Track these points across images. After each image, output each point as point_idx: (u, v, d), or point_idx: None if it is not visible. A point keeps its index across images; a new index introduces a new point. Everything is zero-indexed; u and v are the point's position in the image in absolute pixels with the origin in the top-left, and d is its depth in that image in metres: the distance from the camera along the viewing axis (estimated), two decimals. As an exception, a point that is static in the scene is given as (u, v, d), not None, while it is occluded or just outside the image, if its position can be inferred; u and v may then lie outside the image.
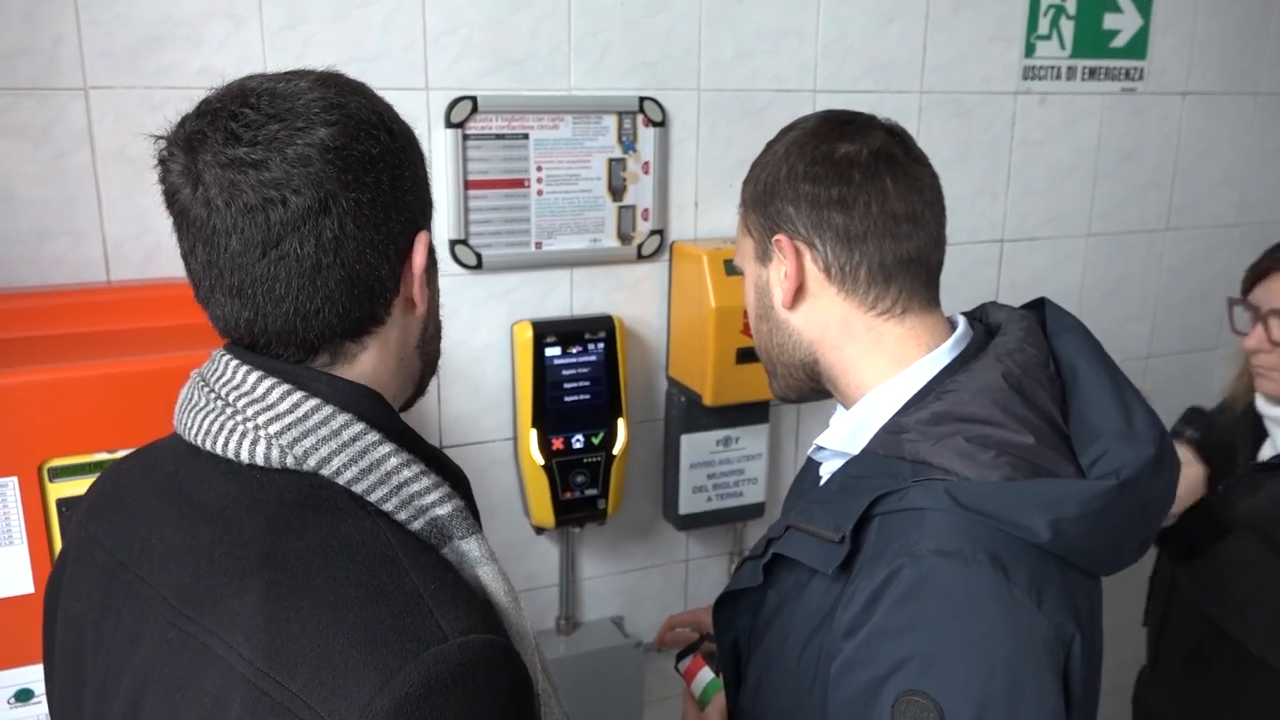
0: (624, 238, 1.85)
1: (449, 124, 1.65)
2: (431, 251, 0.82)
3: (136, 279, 1.54)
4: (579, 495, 1.83)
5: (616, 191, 1.82)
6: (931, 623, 0.83)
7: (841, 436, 1.00)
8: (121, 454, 1.27)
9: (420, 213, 0.80)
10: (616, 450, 1.84)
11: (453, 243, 1.73)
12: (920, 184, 0.98)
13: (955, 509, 0.85)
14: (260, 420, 0.74)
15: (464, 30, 1.66)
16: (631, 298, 1.89)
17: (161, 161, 0.75)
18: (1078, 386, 0.95)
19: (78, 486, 1.26)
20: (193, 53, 1.51)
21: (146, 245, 1.54)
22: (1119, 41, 2.22)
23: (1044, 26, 2.13)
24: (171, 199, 0.75)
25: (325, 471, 0.73)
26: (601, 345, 1.81)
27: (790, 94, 1.92)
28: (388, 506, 0.74)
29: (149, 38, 1.48)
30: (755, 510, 2.01)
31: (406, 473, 0.75)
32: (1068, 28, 2.16)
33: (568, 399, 1.80)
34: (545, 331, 1.77)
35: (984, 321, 1.05)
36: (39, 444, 1.23)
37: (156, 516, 0.78)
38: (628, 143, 1.81)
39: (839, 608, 0.89)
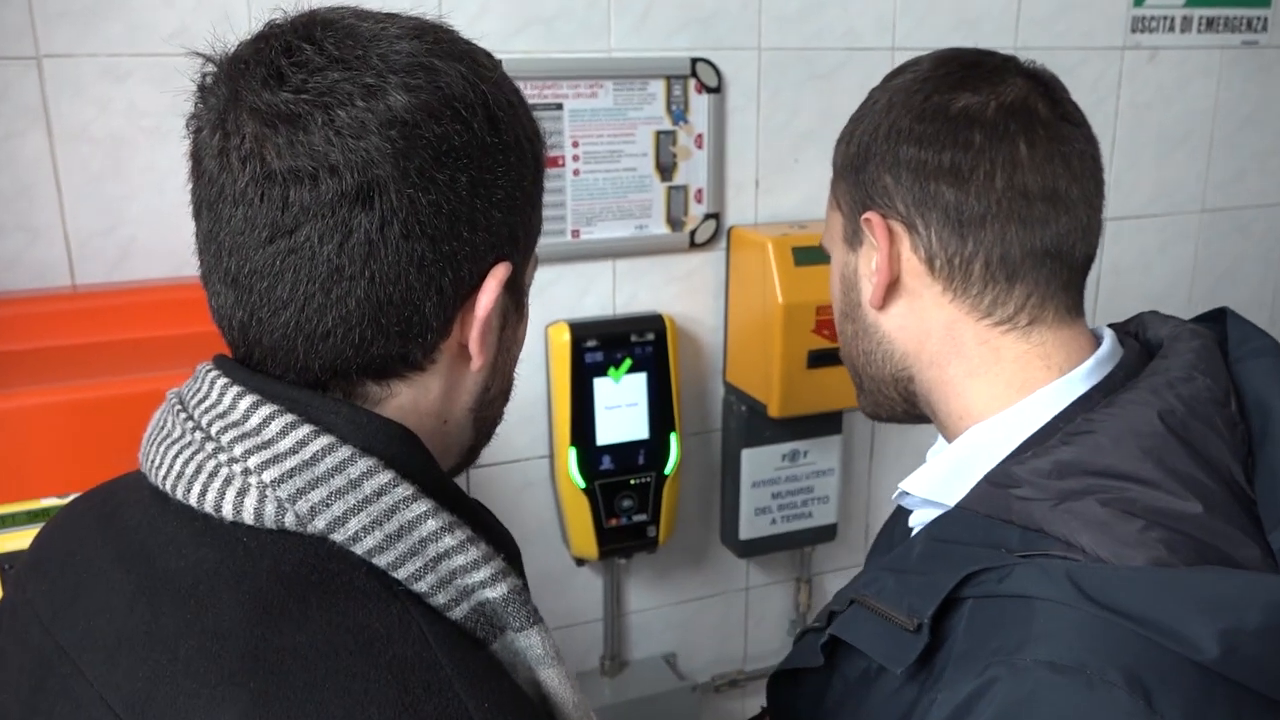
0: (674, 223, 1.60)
1: (469, 93, 1.42)
2: (514, 292, 0.64)
3: (106, 283, 1.32)
4: (626, 522, 1.59)
5: (665, 170, 1.58)
6: None
7: (934, 481, 0.77)
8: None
9: (509, 239, 0.61)
10: (668, 469, 1.60)
11: (476, 233, 1.49)
12: (1068, 150, 0.75)
13: (1080, 602, 0.62)
14: (252, 462, 0.56)
15: (485, -18, 1.42)
16: (683, 293, 1.64)
17: (200, 90, 0.59)
18: (1270, 435, 0.70)
19: (22, 539, 1.04)
20: (165, 12, 1.28)
21: (118, 242, 1.32)
22: (1240, -14, 1.93)
23: (1156, -30, 1.85)
24: (194, 138, 0.59)
25: (338, 536, 0.55)
26: (650, 348, 1.57)
27: (865, 53, 1.66)
28: (421, 586, 0.56)
29: (113, -4, 1.25)
30: (826, 533, 1.76)
31: (449, 540, 0.57)
32: (1183, -29, 1.87)
33: (611, 411, 1.56)
34: (584, 334, 1.53)
35: (1139, 337, 0.81)
36: (-28, 489, 1.02)
37: (108, 586, 0.58)
38: (678, 112, 1.56)
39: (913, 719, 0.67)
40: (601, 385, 1.55)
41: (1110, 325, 0.82)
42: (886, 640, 0.70)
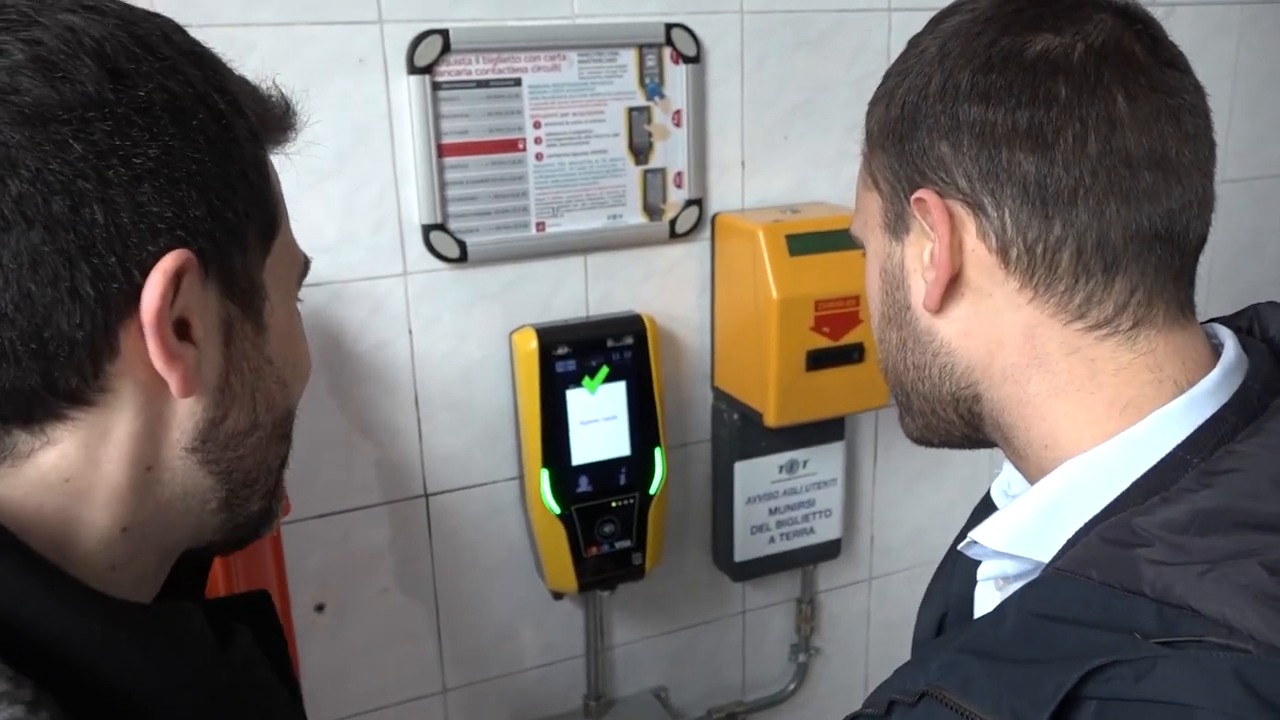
0: (652, 212, 1.43)
1: (413, 69, 1.24)
2: (236, 293, 0.52)
3: None
4: (608, 549, 1.42)
5: (640, 151, 1.40)
6: None
7: (1017, 531, 0.61)
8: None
9: (188, 222, 0.48)
10: (654, 489, 1.43)
11: (426, 229, 1.31)
12: (1177, 104, 0.59)
13: (1258, 713, 0.46)
14: None
15: (427, -60, 1.24)
16: (664, 289, 1.47)
17: None
18: None
19: None
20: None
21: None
22: (1260, -65, 1.78)
23: (1171, -82, 1.69)
24: None
25: None
26: (628, 354, 1.40)
27: (858, 14, 1.49)
28: None
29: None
30: (830, 549, 1.61)
31: None
32: (1199, -81, 1.71)
33: (587, 426, 1.39)
34: (554, 340, 1.36)
35: (1261, 335, 0.65)
36: None
37: None
38: (652, 86, 1.38)
39: None
40: (575, 397, 1.37)
41: (1214, 320, 0.66)
42: None
